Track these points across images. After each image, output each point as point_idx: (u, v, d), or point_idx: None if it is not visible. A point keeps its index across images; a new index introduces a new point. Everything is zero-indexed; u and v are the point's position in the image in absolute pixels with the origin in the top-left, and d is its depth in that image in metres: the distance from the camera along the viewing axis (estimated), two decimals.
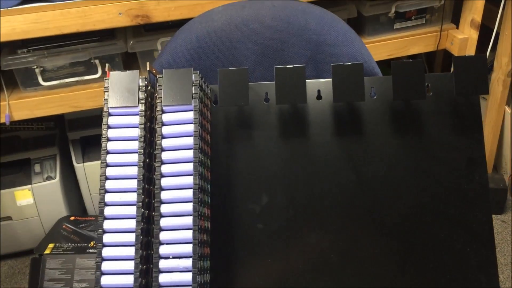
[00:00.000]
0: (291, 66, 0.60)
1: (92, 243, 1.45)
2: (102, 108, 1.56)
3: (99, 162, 1.55)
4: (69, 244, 1.44)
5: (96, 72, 1.31)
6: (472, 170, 0.62)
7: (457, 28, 1.47)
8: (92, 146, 1.56)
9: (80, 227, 1.52)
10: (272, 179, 0.64)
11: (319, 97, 0.65)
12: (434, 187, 0.62)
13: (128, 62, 1.38)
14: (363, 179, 0.63)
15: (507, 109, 1.63)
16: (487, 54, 1.48)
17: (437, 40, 1.44)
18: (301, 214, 0.63)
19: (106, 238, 0.58)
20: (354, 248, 0.62)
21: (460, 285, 0.60)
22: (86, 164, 1.53)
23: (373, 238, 0.62)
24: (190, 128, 0.59)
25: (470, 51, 1.43)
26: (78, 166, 1.53)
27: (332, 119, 0.64)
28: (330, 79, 0.65)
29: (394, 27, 1.42)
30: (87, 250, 1.42)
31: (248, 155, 0.65)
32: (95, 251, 1.51)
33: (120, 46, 1.28)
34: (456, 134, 0.62)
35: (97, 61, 1.29)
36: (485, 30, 1.46)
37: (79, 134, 1.54)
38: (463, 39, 1.42)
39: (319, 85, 0.65)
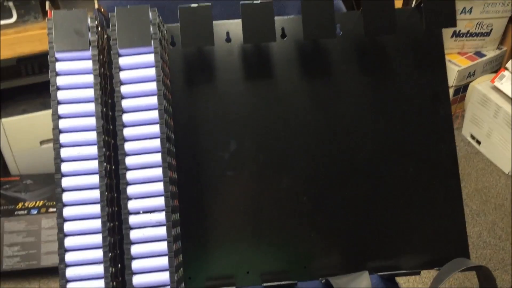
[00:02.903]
0: (258, 2, 0.56)
1: (20, 205, 1.35)
2: (17, 58, 1.40)
3: (19, 117, 1.43)
4: None
5: (10, 16, 1.18)
6: (436, 105, 0.62)
7: None
8: (10, 99, 1.43)
9: (4, 189, 1.41)
10: (239, 124, 0.61)
11: (283, 35, 0.62)
12: (401, 123, 0.62)
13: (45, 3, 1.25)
14: (332, 119, 0.62)
15: None
16: None
17: None
18: (271, 158, 0.61)
19: (66, 196, 0.53)
20: (325, 189, 0.61)
21: (429, 217, 0.62)
22: (4, 120, 1.39)
23: (344, 177, 0.61)
24: (151, 72, 0.54)
25: None
26: None
27: (298, 58, 0.62)
28: (294, 16, 0.62)
29: None
30: (15, 212, 1.32)
31: (212, 100, 0.61)
32: (25, 212, 1.40)
33: None
34: (420, 70, 0.62)
35: (10, 4, 1.15)
36: None
37: None
38: None
39: (283, 23, 0.62)
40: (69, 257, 0.52)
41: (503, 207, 1.51)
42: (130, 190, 0.53)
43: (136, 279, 0.51)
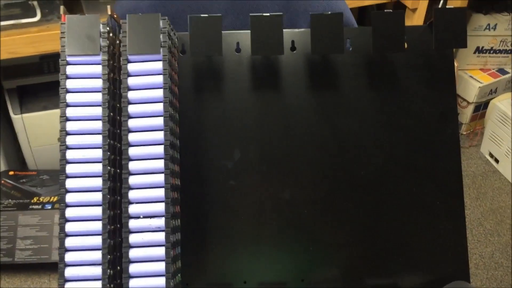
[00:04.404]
0: (268, 14, 0.57)
1: (35, 199, 1.38)
2: (40, 55, 1.43)
3: (39, 113, 1.46)
4: (10, 200, 1.37)
5: (34, 15, 1.20)
6: (444, 124, 0.62)
7: None
8: (31, 96, 1.46)
9: (21, 182, 1.44)
10: (245, 134, 0.61)
11: (293, 48, 0.62)
12: (407, 141, 0.62)
13: (70, 5, 1.28)
14: (337, 133, 0.62)
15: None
16: (440, 4, 1.49)
17: None
18: (275, 169, 0.61)
19: (69, 197, 0.54)
20: (328, 203, 0.61)
21: (430, 236, 0.61)
22: (24, 115, 1.43)
23: (347, 192, 0.61)
24: (159, 79, 0.55)
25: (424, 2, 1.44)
26: (16, 118, 1.42)
27: (306, 72, 0.62)
28: (304, 29, 0.62)
29: None
30: (30, 207, 1.35)
31: (219, 109, 0.62)
32: (39, 207, 1.43)
33: None
34: (429, 88, 0.62)
35: (35, 3, 1.18)
36: None
37: (16, 83, 1.42)
38: None
39: (293, 36, 0.62)
40: (69, 257, 0.53)
41: None
42: (132, 194, 0.54)
43: (132, 283, 0.52)
